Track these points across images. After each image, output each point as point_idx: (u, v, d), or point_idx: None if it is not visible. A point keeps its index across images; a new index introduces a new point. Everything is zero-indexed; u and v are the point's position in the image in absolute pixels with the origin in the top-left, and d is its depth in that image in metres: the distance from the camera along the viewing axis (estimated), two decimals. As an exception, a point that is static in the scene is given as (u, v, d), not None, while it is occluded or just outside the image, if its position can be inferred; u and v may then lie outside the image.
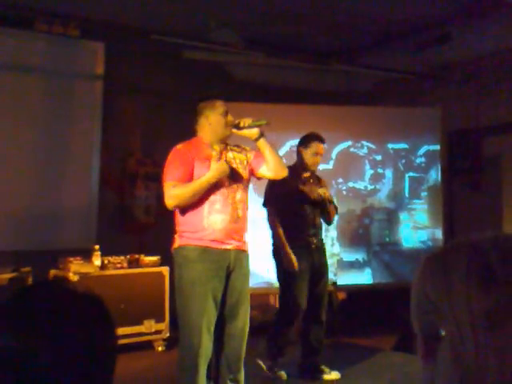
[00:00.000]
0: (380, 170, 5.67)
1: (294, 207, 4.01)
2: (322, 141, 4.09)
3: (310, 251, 4.00)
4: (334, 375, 3.95)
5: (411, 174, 5.77)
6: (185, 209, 3.20)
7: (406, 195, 5.77)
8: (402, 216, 5.80)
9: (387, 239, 5.77)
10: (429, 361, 0.89)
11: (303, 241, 3.98)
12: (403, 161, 5.74)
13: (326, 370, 3.98)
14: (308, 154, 4.07)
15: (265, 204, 4.05)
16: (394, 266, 5.72)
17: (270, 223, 4.00)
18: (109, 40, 5.40)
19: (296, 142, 5.44)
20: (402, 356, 4.47)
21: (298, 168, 4.10)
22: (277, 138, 4.94)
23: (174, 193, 3.15)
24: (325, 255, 4.14)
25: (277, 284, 5.28)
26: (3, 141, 5.01)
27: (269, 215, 4.01)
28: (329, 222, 4.23)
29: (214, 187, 3.18)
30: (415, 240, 5.80)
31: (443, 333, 0.86)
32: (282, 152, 5.32)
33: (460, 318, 0.81)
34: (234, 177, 3.26)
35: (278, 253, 3.98)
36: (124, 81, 5.68)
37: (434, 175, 5.78)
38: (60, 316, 0.82)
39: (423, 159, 5.76)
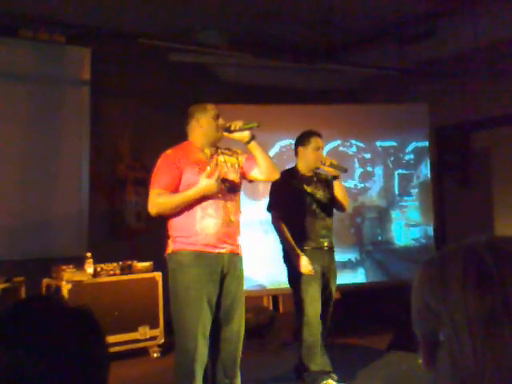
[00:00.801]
0: (369, 168, 5.67)
1: (303, 209, 3.89)
2: (319, 135, 4.00)
3: (321, 253, 3.88)
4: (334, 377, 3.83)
5: (400, 171, 5.75)
6: (177, 214, 3.20)
7: (396, 192, 5.77)
8: (394, 214, 5.76)
9: (379, 238, 5.73)
10: (431, 366, 0.89)
11: (315, 243, 3.87)
12: (392, 158, 5.74)
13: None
14: (309, 151, 3.94)
15: (269, 209, 3.94)
16: (388, 265, 5.68)
17: (275, 228, 3.90)
18: (95, 45, 5.37)
19: (286, 142, 5.40)
20: (397, 354, 4.48)
21: (299, 169, 4.00)
22: (266, 139, 4.94)
23: (157, 201, 3.16)
24: (334, 259, 4.03)
25: (271, 286, 5.29)
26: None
27: (273, 219, 3.90)
28: (343, 209, 4.10)
29: None
30: (408, 238, 5.76)
31: (441, 337, 0.86)
32: (272, 153, 5.32)
33: (457, 322, 0.81)
34: (225, 182, 3.26)
35: (288, 257, 3.86)
36: (111, 85, 5.65)
37: (424, 171, 5.78)
38: (50, 331, 0.83)
39: (412, 156, 5.76)
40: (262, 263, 5.10)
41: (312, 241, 3.85)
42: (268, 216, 4.00)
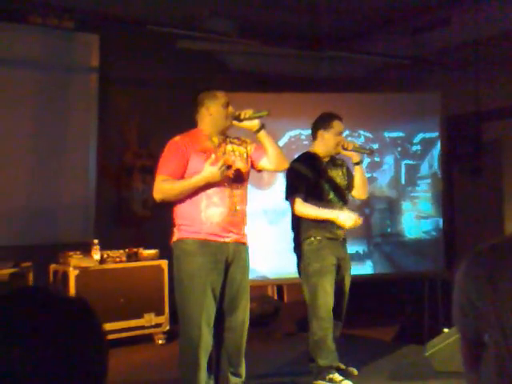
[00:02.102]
0: (377, 159, 5.57)
1: (321, 197, 3.71)
2: (341, 119, 3.82)
3: (337, 244, 3.72)
4: (352, 371, 3.79)
5: (407, 161, 5.62)
6: (182, 202, 3.19)
7: (403, 183, 5.66)
8: (405, 205, 5.60)
9: (389, 230, 5.57)
10: (473, 368, 0.82)
11: (331, 233, 3.68)
12: (399, 148, 5.64)
13: (342, 366, 3.77)
14: (331, 135, 3.76)
15: (287, 197, 3.76)
16: (397, 258, 5.52)
17: (302, 213, 3.67)
18: (103, 32, 5.35)
19: (295, 132, 5.31)
20: (403, 347, 4.46)
21: (318, 154, 3.82)
22: (275, 128, 4.90)
23: (161, 187, 3.16)
24: (347, 249, 3.87)
25: (274, 276, 5.24)
26: (-1, 136, 4.99)
27: (296, 205, 3.68)
28: (363, 196, 3.98)
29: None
30: (418, 230, 5.57)
31: (487, 339, 0.79)
32: (281, 143, 5.27)
33: (507, 326, 0.74)
34: (231, 170, 3.23)
35: (300, 248, 3.75)
36: (119, 73, 5.63)
37: (434, 162, 5.68)
38: (39, 324, 0.81)
39: (421, 146, 5.66)
40: (266, 253, 5.07)
41: (328, 231, 3.68)
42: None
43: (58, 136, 5.31)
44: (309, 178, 3.73)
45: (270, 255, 5.05)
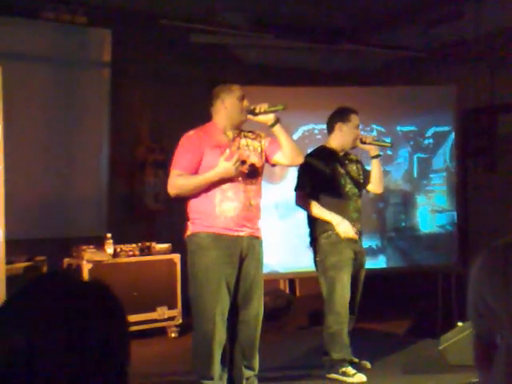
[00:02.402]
0: (389, 152, 5.51)
1: (336, 191, 3.70)
2: (357, 113, 3.81)
3: (353, 240, 3.69)
4: (365, 364, 3.79)
5: (422, 155, 5.54)
6: (197, 196, 3.20)
7: (416, 177, 5.61)
8: (419, 199, 5.51)
9: (403, 224, 5.49)
10: (484, 368, 0.78)
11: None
12: (412, 142, 5.58)
13: (356, 360, 3.76)
14: (350, 129, 3.74)
15: (296, 188, 3.78)
16: (411, 253, 5.44)
17: (301, 207, 3.73)
18: (116, 27, 5.36)
19: (309, 127, 5.27)
20: (417, 340, 4.45)
21: (334, 147, 3.81)
22: (288, 122, 4.86)
23: (176, 182, 3.17)
24: (362, 243, 3.87)
25: (285, 270, 5.23)
26: (12, 131, 5.00)
27: (297, 199, 3.74)
28: (380, 190, 3.95)
29: None
30: (433, 224, 5.48)
31: (499, 340, 0.76)
32: (294, 137, 5.24)
33: None
34: (245, 165, 3.23)
35: (317, 242, 3.72)
36: (131, 67, 5.64)
37: (448, 156, 5.61)
38: (71, 308, 0.81)
39: (435, 140, 5.61)
40: (277, 248, 5.05)
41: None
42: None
43: (71, 131, 5.33)
44: (324, 172, 3.72)
45: (281, 250, 5.04)
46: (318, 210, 3.68)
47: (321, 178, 3.71)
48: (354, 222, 3.70)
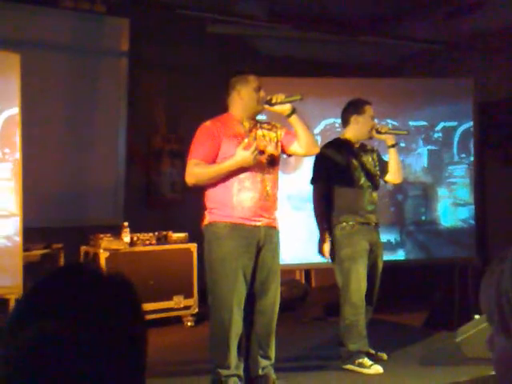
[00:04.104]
0: (403, 144, 5.44)
1: (351, 182, 3.72)
2: (371, 104, 3.82)
3: (369, 229, 3.73)
4: (381, 356, 3.79)
5: (437, 147, 5.43)
6: (214, 186, 3.21)
7: (436, 169, 5.52)
8: (441, 191, 5.38)
9: (423, 217, 5.36)
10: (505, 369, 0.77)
11: (363, 218, 3.70)
12: (432, 134, 5.51)
13: (372, 351, 3.77)
14: (366, 119, 3.75)
15: (311, 182, 3.81)
16: (431, 248, 5.32)
17: (314, 202, 3.79)
18: (134, 16, 5.36)
19: (330, 120, 5.23)
20: (432, 332, 4.44)
21: (350, 139, 3.82)
22: (313, 114, 4.81)
23: (194, 171, 3.18)
24: (379, 235, 3.88)
25: (299, 261, 5.22)
26: (31, 119, 5.04)
27: (314, 193, 3.79)
28: (398, 180, 3.92)
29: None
30: (455, 218, 5.37)
31: None
32: (317, 130, 5.22)
33: None
34: (263, 155, 3.23)
35: (332, 233, 3.75)
36: (149, 57, 5.64)
37: (467, 149, 5.52)
38: (89, 301, 0.81)
39: (454, 132, 5.53)
40: (293, 238, 5.04)
41: (360, 216, 3.70)
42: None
43: (88, 119, 5.35)
44: (338, 164, 3.73)
45: (297, 241, 5.02)
46: (319, 219, 3.77)
47: (335, 169, 3.74)
48: (369, 214, 3.73)
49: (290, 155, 3.48)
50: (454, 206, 5.40)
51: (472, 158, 5.47)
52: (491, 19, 5.45)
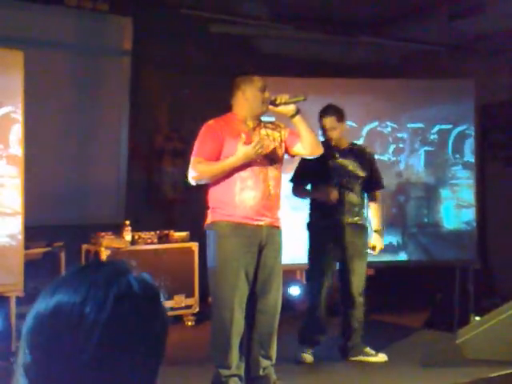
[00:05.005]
0: (401, 145, 5.42)
1: (324, 183, 3.86)
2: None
3: (337, 230, 3.82)
4: (381, 358, 3.82)
5: (436, 148, 5.41)
6: (216, 185, 3.21)
7: (438, 171, 5.50)
8: (444, 193, 5.33)
9: (426, 219, 5.32)
10: None
11: (331, 217, 3.84)
12: (431, 136, 5.49)
13: (373, 352, 3.83)
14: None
15: (291, 180, 3.99)
16: (434, 250, 5.27)
17: (296, 195, 4.04)
18: (137, 15, 5.36)
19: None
20: (433, 333, 4.45)
21: (329, 141, 3.91)
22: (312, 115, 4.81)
23: (197, 169, 3.18)
24: (363, 234, 3.94)
25: (303, 260, 5.23)
26: (32, 117, 5.04)
27: (292, 190, 4.01)
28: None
29: (245, 164, 3.17)
30: (459, 220, 5.32)
31: None
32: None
33: None
34: (266, 154, 3.24)
35: (308, 228, 3.98)
36: (151, 56, 5.64)
37: (467, 150, 5.51)
38: (123, 293, 0.83)
39: (454, 134, 5.53)
40: (291, 238, 5.01)
41: (329, 215, 3.84)
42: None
43: (90, 118, 5.35)
44: (314, 165, 3.72)
45: (294, 241, 5.00)
46: (307, 194, 4.01)
47: (311, 170, 3.82)
48: (344, 215, 3.83)
49: (293, 156, 3.48)
50: (457, 208, 5.37)
51: (473, 160, 5.47)
52: (492, 21, 5.46)
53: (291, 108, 3.26)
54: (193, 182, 3.25)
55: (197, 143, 3.25)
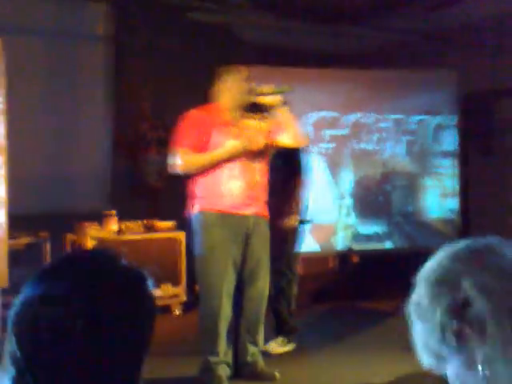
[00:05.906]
0: (384, 134, 5.46)
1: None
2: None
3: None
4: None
5: (410, 137, 5.43)
6: (203, 174, 3.22)
7: (422, 159, 5.53)
8: (428, 181, 5.33)
9: (410, 208, 5.32)
10: None
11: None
12: (413, 126, 5.53)
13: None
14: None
15: None
16: (419, 239, 5.27)
17: None
18: (117, 2, 5.31)
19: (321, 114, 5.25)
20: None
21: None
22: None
23: (184, 160, 3.17)
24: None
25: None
26: (14, 106, 4.98)
27: None
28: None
29: None
30: (444, 209, 5.33)
31: None
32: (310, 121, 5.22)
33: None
34: (256, 146, 3.26)
35: None
36: (134, 43, 5.59)
37: (450, 140, 5.53)
38: (105, 281, 0.84)
39: (436, 124, 5.56)
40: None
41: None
42: None
43: (73, 106, 5.31)
44: None
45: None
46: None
47: None
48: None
49: (277, 146, 3.50)
50: (442, 196, 5.36)
51: (454, 149, 5.52)
52: (473, 11, 5.51)
53: (277, 99, 3.28)
54: (177, 172, 3.24)
55: (181, 133, 3.23)
